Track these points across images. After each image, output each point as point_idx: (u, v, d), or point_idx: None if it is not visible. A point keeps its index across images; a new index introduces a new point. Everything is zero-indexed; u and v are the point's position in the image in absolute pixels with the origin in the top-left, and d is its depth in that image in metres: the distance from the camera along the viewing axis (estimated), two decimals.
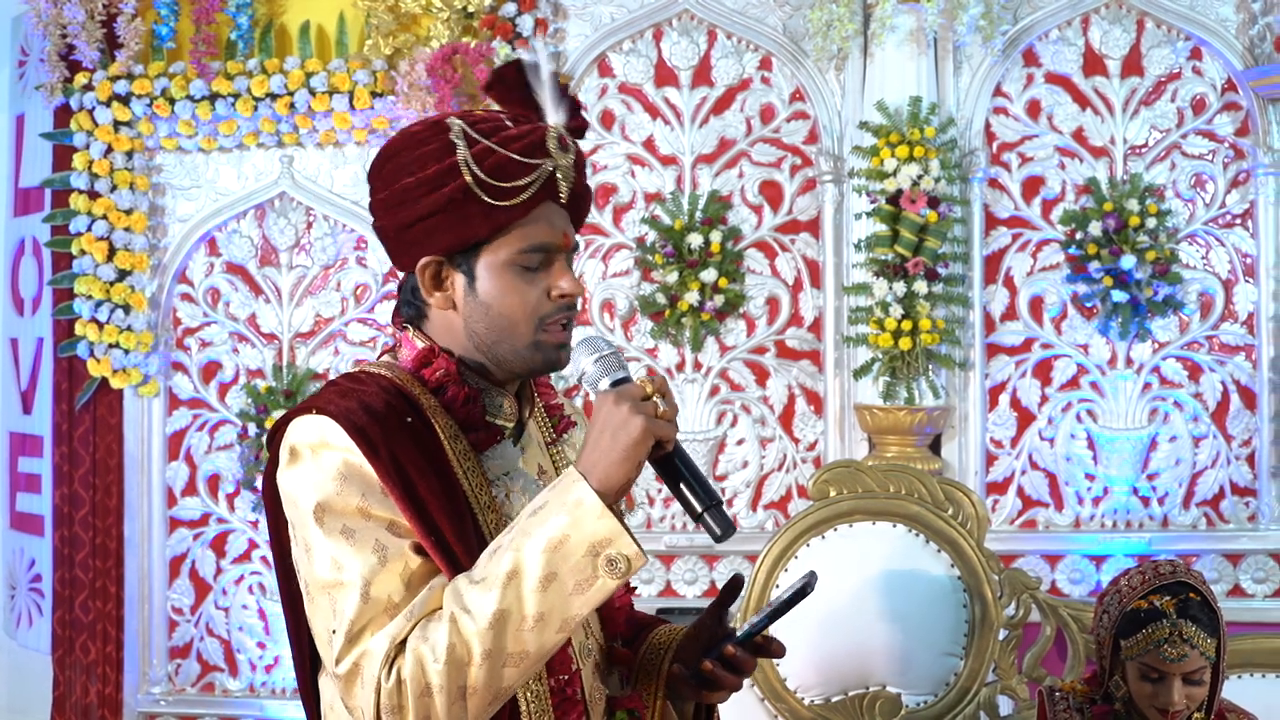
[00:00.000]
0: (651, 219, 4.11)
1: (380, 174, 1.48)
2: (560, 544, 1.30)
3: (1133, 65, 4.06)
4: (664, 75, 4.17)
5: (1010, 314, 4.08)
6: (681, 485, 1.37)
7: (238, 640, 4.34)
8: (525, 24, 4.08)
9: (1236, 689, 2.75)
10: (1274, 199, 3.99)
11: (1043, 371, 4.08)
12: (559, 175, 1.45)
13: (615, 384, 1.39)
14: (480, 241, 1.44)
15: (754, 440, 4.12)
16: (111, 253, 4.27)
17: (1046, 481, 4.09)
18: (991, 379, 4.08)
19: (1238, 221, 4.05)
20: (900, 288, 3.80)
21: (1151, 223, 3.93)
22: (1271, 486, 4.01)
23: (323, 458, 1.37)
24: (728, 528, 1.37)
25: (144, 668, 4.33)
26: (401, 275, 1.54)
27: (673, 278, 4.02)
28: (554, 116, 1.48)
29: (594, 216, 4.19)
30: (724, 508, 1.39)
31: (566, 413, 1.65)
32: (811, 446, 4.12)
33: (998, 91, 4.08)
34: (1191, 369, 4.06)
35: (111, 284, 4.26)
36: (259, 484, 4.17)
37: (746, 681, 1.75)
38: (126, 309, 4.26)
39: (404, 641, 1.30)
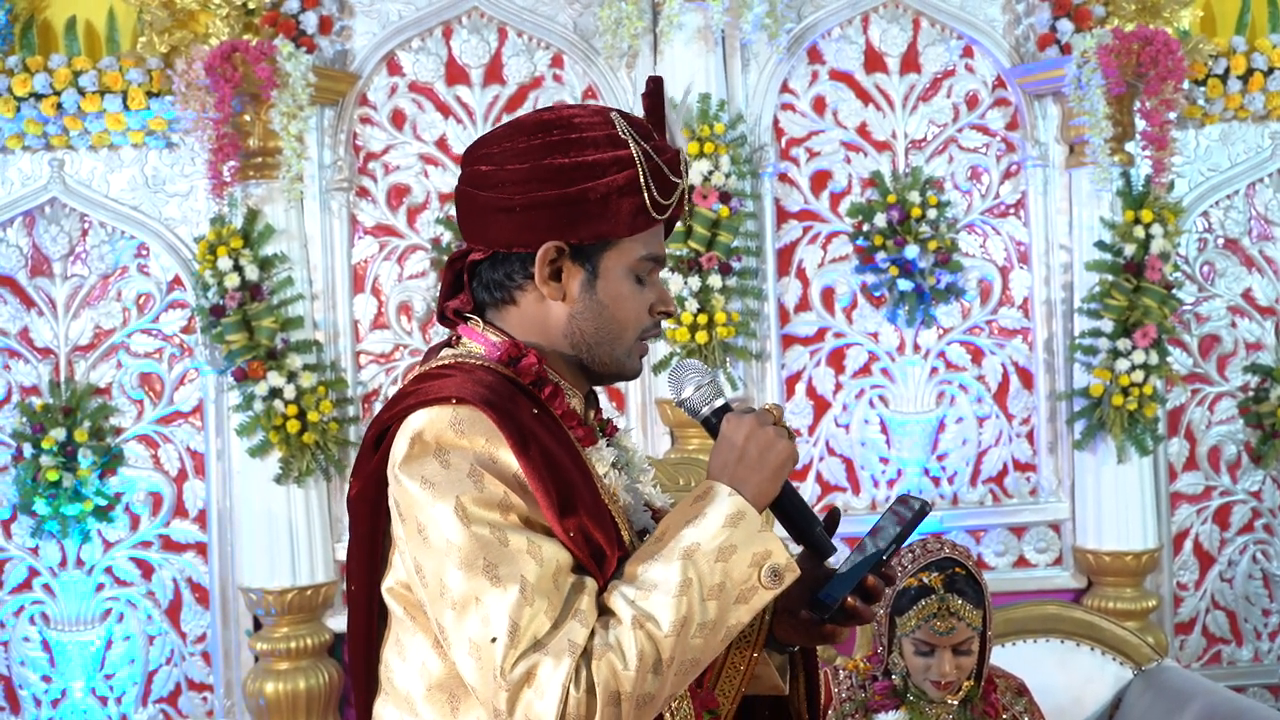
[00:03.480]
0: (447, 220, 4.05)
1: (521, 147, 1.41)
2: (730, 554, 1.31)
3: (911, 62, 4.22)
4: (455, 73, 4.12)
5: (803, 305, 4.19)
6: (790, 509, 1.44)
7: (19, 675, 4.09)
8: (309, 21, 3.96)
9: (1010, 655, 2.89)
10: (1043, 189, 4.21)
11: (836, 360, 4.21)
12: (683, 198, 1.49)
13: (724, 408, 1.45)
14: (611, 240, 1.43)
15: None
16: None
17: (843, 466, 4.21)
18: (787, 369, 4.18)
19: (1011, 211, 4.26)
20: (695, 282, 3.85)
21: (932, 213, 4.09)
22: (1049, 461, 4.24)
23: (453, 454, 1.31)
24: (831, 547, 1.45)
25: None
26: (486, 258, 1.45)
27: None
28: (676, 143, 1.48)
29: (388, 217, 4.11)
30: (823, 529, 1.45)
31: (606, 416, 1.63)
32: None
33: (784, 88, 4.18)
34: (974, 353, 4.25)
35: None
36: (38, 508, 3.94)
37: None
38: None
39: (585, 649, 1.26)
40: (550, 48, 4.13)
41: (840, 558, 1.49)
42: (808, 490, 4.18)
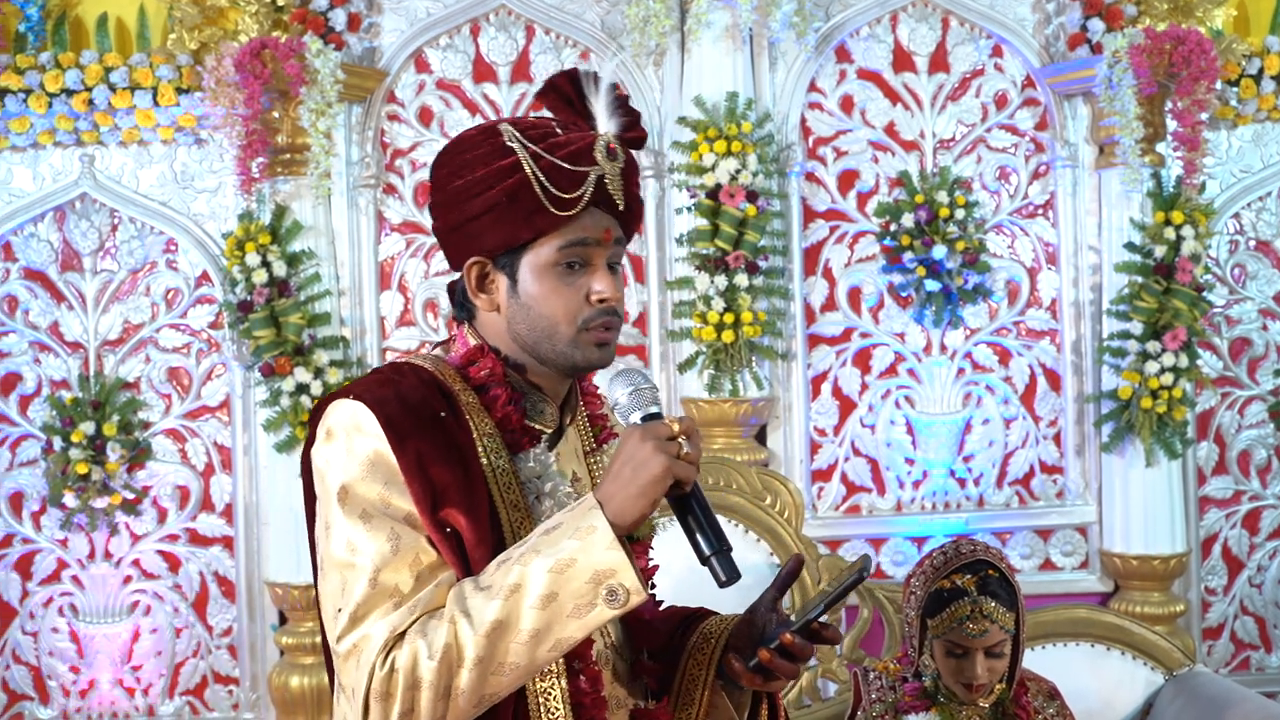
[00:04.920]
0: None
1: (435, 177, 1.53)
2: (566, 566, 1.33)
3: (939, 62, 4.20)
4: (483, 71, 4.12)
5: (830, 305, 4.18)
6: (693, 527, 1.40)
7: (48, 665, 4.12)
8: (338, 18, 3.98)
9: (1040, 658, 2.87)
10: (1071, 190, 4.18)
11: (862, 360, 4.19)
12: (607, 183, 1.47)
13: (645, 419, 1.41)
14: (524, 243, 1.47)
15: None
16: None
17: (869, 467, 4.20)
18: (813, 369, 4.17)
19: (1040, 212, 4.23)
20: (722, 281, 3.84)
21: (960, 214, 4.07)
22: (1076, 464, 4.21)
23: (355, 442, 1.42)
24: (733, 574, 1.38)
25: None
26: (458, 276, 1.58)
27: None
28: (606, 125, 1.50)
29: (415, 214, 4.12)
30: (731, 554, 1.40)
31: (610, 424, 1.67)
32: None
33: (812, 87, 4.16)
34: (1001, 354, 4.23)
35: None
36: (67, 500, 3.97)
37: None
38: None
39: (403, 633, 1.35)
40: (578, 45, 4.13)
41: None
42: (833, 490, 4.17)
